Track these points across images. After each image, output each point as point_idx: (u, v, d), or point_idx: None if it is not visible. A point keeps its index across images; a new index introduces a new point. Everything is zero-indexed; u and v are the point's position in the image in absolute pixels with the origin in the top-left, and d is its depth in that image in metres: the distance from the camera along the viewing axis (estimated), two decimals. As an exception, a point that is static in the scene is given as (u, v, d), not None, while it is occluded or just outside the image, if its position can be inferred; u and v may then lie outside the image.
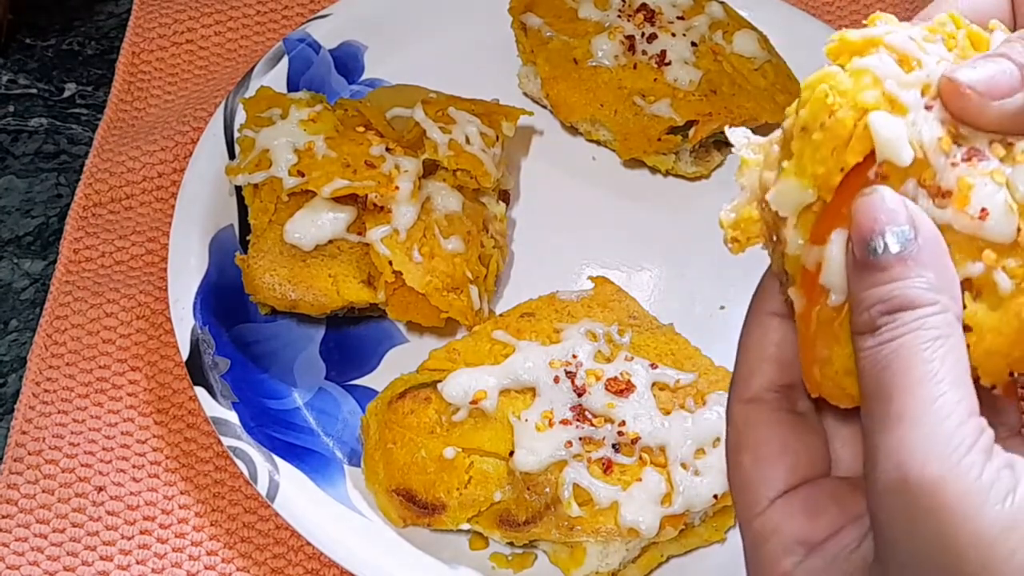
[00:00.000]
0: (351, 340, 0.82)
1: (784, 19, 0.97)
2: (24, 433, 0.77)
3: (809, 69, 0.44)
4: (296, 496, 0.72)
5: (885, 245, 0.38)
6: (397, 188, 0.78)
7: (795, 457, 0.44)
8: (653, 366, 0.75)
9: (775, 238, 0.42)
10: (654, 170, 0.92)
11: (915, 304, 0.37)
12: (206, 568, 0.73)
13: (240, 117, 0.86)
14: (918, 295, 0.38)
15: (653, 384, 0.74)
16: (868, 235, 0.38)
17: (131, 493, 0.75)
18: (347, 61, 0.95)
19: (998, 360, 0.39)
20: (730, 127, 0.45)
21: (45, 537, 0.74)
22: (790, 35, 0.96)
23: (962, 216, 0.39)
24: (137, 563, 0.73)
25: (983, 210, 0.38)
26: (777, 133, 0.43)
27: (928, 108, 0.40)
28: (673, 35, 0.91)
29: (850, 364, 0.40)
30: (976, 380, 0.39)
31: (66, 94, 0.96)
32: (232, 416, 0.74)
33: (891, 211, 0.38)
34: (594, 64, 0.90)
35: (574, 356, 0.74)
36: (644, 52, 0.91)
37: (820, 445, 0.45)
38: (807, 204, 0.40)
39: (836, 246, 0.40)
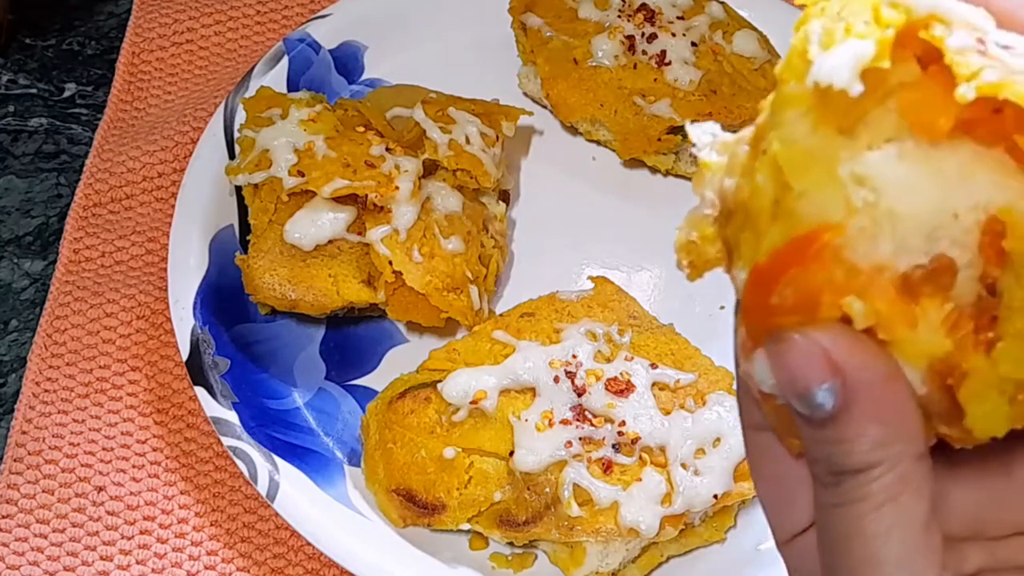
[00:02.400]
0: (351, 340, 0.82)
1: (784, 19, 0.97)
2: (24, 433, 0.77)
3: None
4: (296, 496, 0.72)
5: (810, 405, 0.33)
6: (397, 188, 0.78)
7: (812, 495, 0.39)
8: (653, 366, 0.74)
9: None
10: (654, 170, 0.92)
11: (857, 468, 0.33)
12: (206, 568, 0.73)
13: (240, 117, 0.86)
14: (858, 460, 0.33)
15: (653, 384, 0.74)
16: (792, 395, 0.33)
17: (131, 493, 0.75)
18: (347, 61, 0.95)
19: None
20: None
21: (45, 537, 0.74)
22: (790, 35, 0.95)
23: None
24: (137, 563, 0.73)
25: None
26: (747, 131, 0.36)
27: None
28: (673, 35, 0.91)
29: None
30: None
31: (66, 94, 0.96)
32: (232, 416, 0.74)
33: (811, 368, 0.32)
34: (594, 64, 0.90)
35: (574, 356, 0.74)
36: (644, 52, 0.91)
37: None
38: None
39: (760, 366, 0.34)
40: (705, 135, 0.37)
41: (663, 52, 0.90)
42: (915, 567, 0.33)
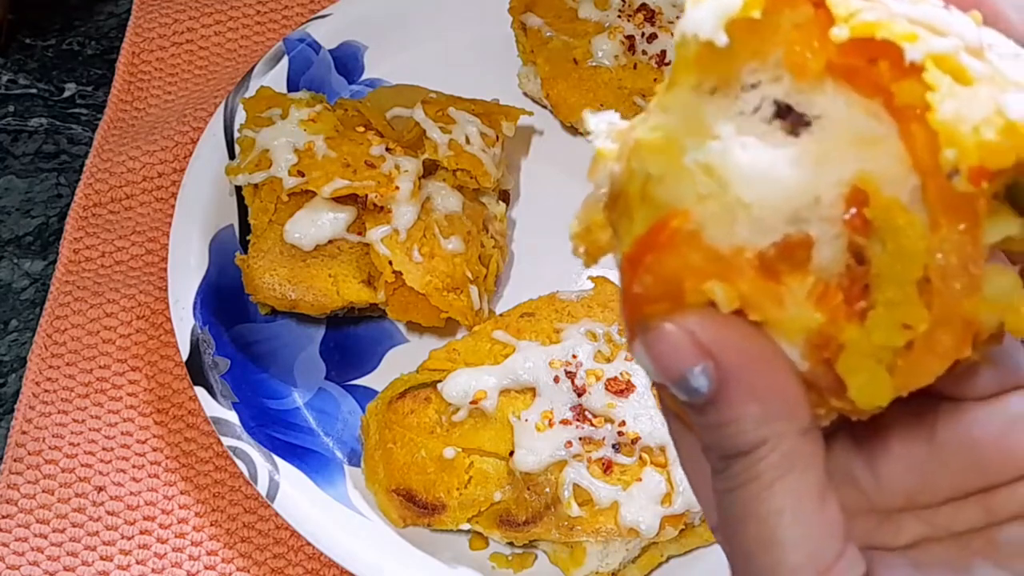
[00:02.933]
0: (351, 340, 0.82)
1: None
2: (24, 433, 0.77)
3: None
4: (296, 496, 0.72)
5: (687, 390, 0.33)
6: (397, 188, 0.78)
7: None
8: (653, 366, 0.74)
9: None
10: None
11: (741, 450, 0.33)
12: (206, 568, 0.73)
13: (240, 117, 0.86)
14: (741, 441, 0.33)
15: (653, 384, 0.73)
16: (669, 383, 0.33)
17: (131, 493, 0.75)
18: (347, 61, 0.95)
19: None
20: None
21: (45, 537, 0.74)
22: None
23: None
24: (137, 563, 0.73)
25: None
26: (639, 117, 0.35)
27: None
28: (673, 35, 0.91)
29: None
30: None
31: (66, 94, 0.96)
32: (232, 416, 0.74)
33: (680, 353, 0.32)
34: (594, 64, 0.90)
35: (574, 356, 0.74)
36: (644, 52, 0.91)
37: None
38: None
39: (640, 355, 0.34)
40: (601, 123, 0.36)
41: (663, 52, 0.90)
42: (811, 542, 0.33)
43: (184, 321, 0.78)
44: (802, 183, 0.32)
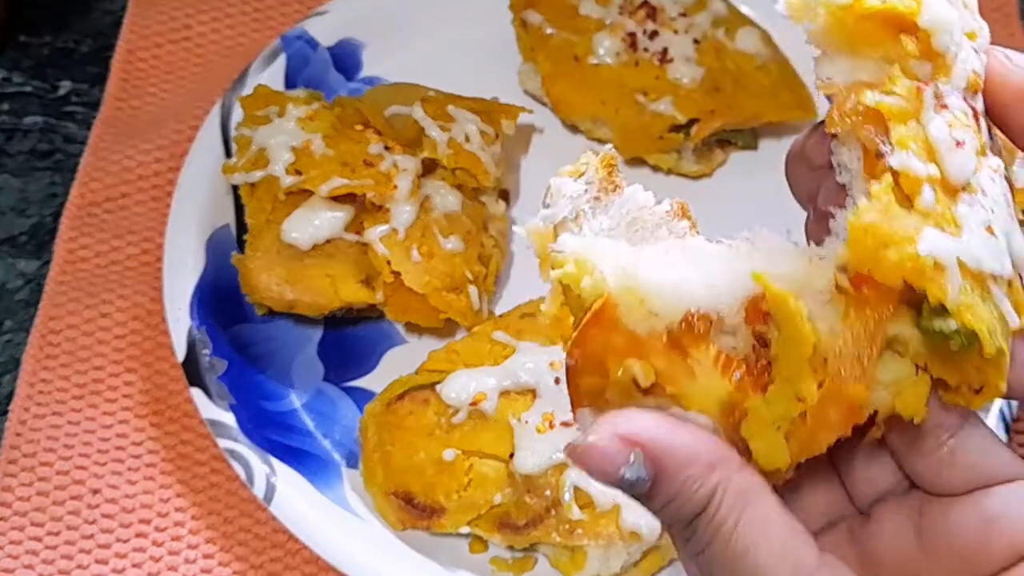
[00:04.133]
0: (349, 341, 0.82)
1: (787, 16, 0.97)
2: (19, 435, 0.77)
3: (811, 67, 0.43)
4: (293, 499, 0.71)
5: (631, 486, 0.36)
6: (396, 187, 0.78)
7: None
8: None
9: None
10: (656, 168, 0.91)
11: (697, 511, 0.36)
12: (202, 571, 0.73)
13: (237, 115, 0.85)
14: (695, 502, 0.36)
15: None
16: (615, 485, 0.37)
17: (126, 496, 0.75)
18: (345, 59, 0.94)
19: None
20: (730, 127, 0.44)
21: (40, 540, 0.73)
22: (793, 32, 0.95)
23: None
24: (132, 566, 0.73)
25: None
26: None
27: None
28: (675, 32, 0.91)
29: None
30: None
31: (61, 92, 0.96)
32: (229, 418, 0.74)
33: (606, 456, 0.36)
34: (595, 62, 0.90)
35: (575, 357, 0.74)
36: (646, 49, 0.90)
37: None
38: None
39: (587, 421, 0.39)
40: (525, 228, 0.43)
41: (665, 49, 0.90)
42: (792, 554, 0.36)
43: (180, 322, 0.77)
44: (702, 287, 0.38)
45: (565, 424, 0.71)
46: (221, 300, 0.80)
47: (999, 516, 0.39)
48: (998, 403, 0.75)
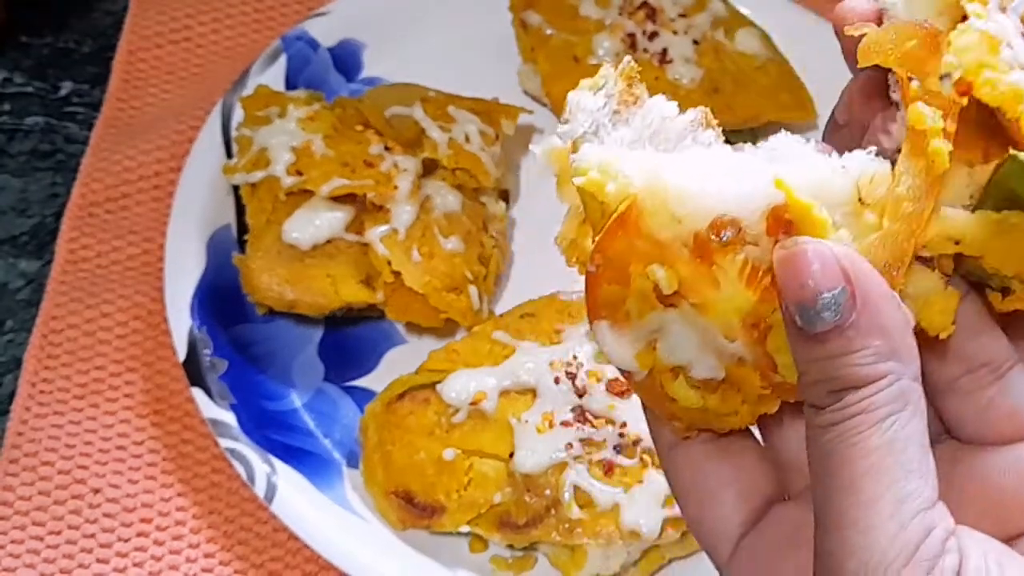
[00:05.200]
0: (350, 341, 0.82)
1: (786, 17, 0.97)
2: (20, 434, 0.77)
3: (812, 67, 0.42)
4: (294, 498, 0.71)
5: (819, 314, 0.33)
6: (396, 187, 0.78)
7: (738, 487, 0.40)
8: (654, 367, 0.74)
9: None
10: (655, 169, 0.91)
11: (860, 382, 0.33)
12: (203, 571, 0.73)
13: (238, 116, 0.85)
14: (863, 372, 0.33)
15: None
16: (798, 303, 0.33)
17: (128, 495, 0.75)
18: (346, 59, 0.95)
19: None
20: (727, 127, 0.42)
21: (41, 539, 0.73)
22: (792, 33, 0.95)
23: None
24: (134, 566, 0.73)
25: None
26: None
27: None
28: (675, 33, 0.91)
29: (695, 404, 0.38)
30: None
31: (62, 92, 0.96)
32: (230, 417, 0.74)
33: (820, 272, 0.33)
34: (595, 62, 0.90)
35: (575, 357, 0.74)
36: (645, 50, 0.90)
37: (760, 464, 0.41)
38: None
39: (607, 338, 0.37)
40: (542, 149, 0.42)
41: (664, 50, 0.90)
42: (914, 481, 0.33)
43: (181, 322, 0.77)
44: (728, 191, 0.35)
45: (565, 424, 0.71)
46: (222, 300, 0.80)
47: None
48: None
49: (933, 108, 0.35)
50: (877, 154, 0.36)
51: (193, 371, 0.75)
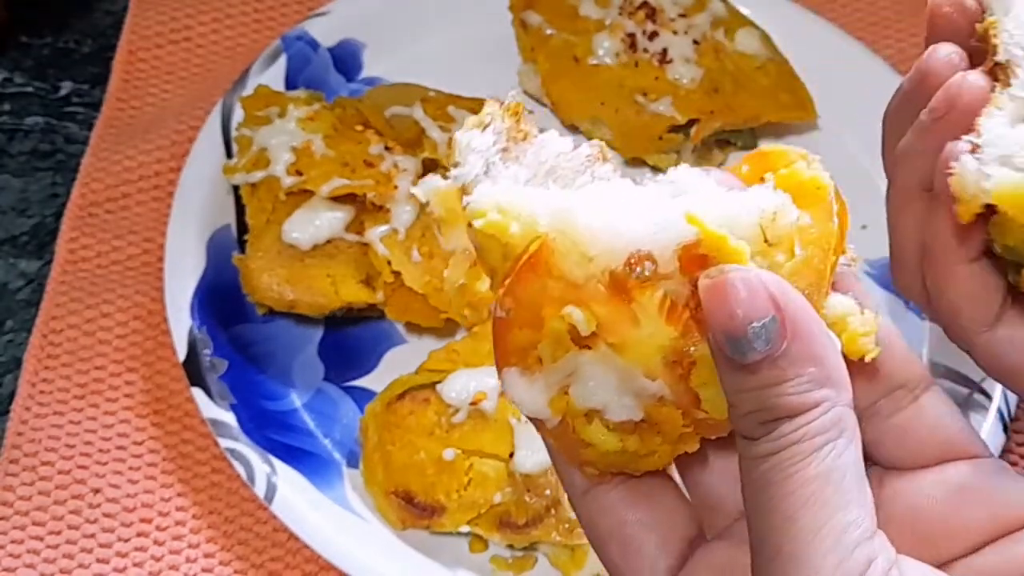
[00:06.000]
0: (350, 341, 0.82)
1: (786, 17, 0.97)
2: (20, 434, 0.76)
3: (812, 67, 0.42)
4: (294, 498, 0.71)
5: (750, 344, 0.32)
6: (396, 187, 0.78)
7: (660, 531, 0.38)
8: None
9: None
10: (656, 169, 0.91)
11: (795, 411, 0.32)
12: (203, 571, 0.73)
13: (238, 116, 0.85)
14: (797, 401, 0.32)
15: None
16: (727, 333, 0.32)
17: (128, 495, 0.75)
18: (346, 59, 0.94)
19: None
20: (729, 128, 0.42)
21: (41, 539, 0.73)
22: (792, 33, 0.95)
23: None
24: (134, 566, 0.73)
25: None
26: (454, 179, 0.38)
27: None
28: (675, 33, 0.91)
29: (613, 447, 0.37)
30: None
31: (62, 92, 0.96)
32: (230, 417, 0.74)
33: (749, 300, 0.32)
34: (595, 62, 0.90)
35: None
36: (645, 50, 0.90)
37: (680, 505, 0.40)
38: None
39: (514, 385, 0.36)
40: (425, 191, 0.40)
41: (664, 50, 0.90)
42: (853, 510, 0.32)
43: (181, 322, 0.77)
44: (640, 227, 0.34)
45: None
46: (222, 300, 0.80)
47: (973, 489, 0.37)
48: (996, 402, 0.75)
49: None
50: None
51: (193, 371, 0.75)
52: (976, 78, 0.40)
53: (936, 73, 0.41)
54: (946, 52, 0.41)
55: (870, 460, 0.38)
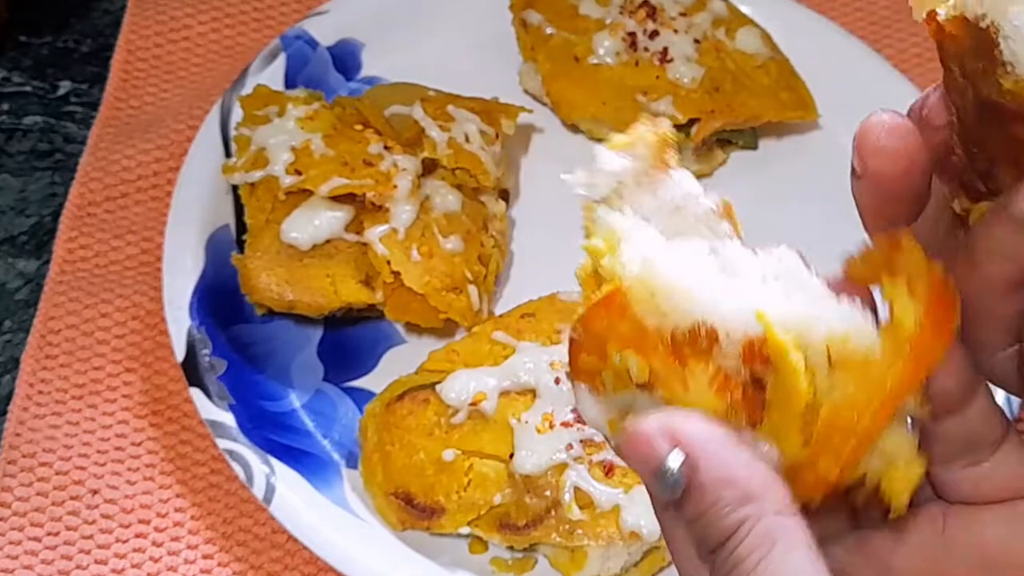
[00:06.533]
0: (349, 341, 0.82)
1: (787, 16, 0.97)
2: (18, 435, 0.76)
3: (813, 66, 0.42)
4: (293, 499, 0.71)
5: (668, 485, 0.34)
6: (395, 187, 0.78)
7: None
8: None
9: None
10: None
11: (722, 537, 0.34)
12: (202, 572, 0.73)
13: (237, 115, 0.85)
14: (721, 527, 0.34)
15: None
16: (649, 480, 0.35)
17: (126, 496, 0.75)
18: (345, 58, 0.95)
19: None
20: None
21: (39, 540, 0.73)
22: (793, 32, 0.95)
23: None
24: (132, 567, 0.73)
25: None
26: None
27: None
28: (675, 32, 0.91)
29: None
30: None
31: (61, 92, 0.96)
32: (228, 418, 0.74)
33: (657, 446, 0.34)
34: (595, 61, 0.90)
35: (575, 357, 0.74)
36: (646, 49, 0.90)
37: None
38: None
39: (582, 395, 0.39)
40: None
41: (665, 49, 0.90)
42: None
43: (180, 322, 0.77)
44: (717, 303, 0.36)
45: (565, 424, 0.71)
46: (220, 300, 0.80)
47: None
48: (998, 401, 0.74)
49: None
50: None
51: (192, 371, 0.75)
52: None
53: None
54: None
55: (938, 496, 0.39)
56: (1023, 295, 0.36)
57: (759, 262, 0.37)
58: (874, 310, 0.37)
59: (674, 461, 0.34)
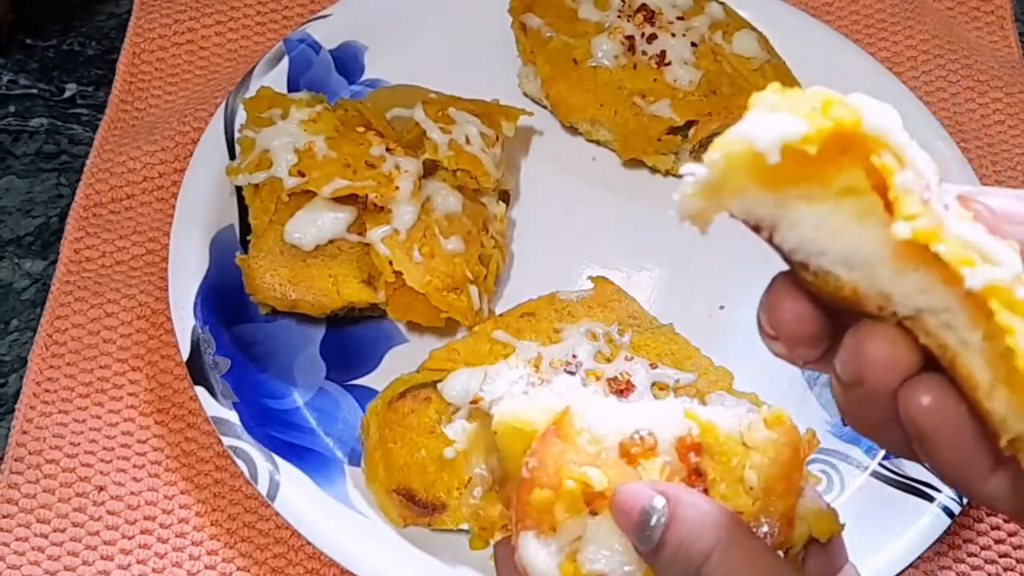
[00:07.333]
0: (351, 340, 0.82)
1: (783, 19, 0.97)
2: (25, 433, 0.77)
3: (808, 69, 0.42)
4: (296, 496, 0.72)
5: (649, 527, 0.41)
6: (397, 188, 0.78)
7: None
8: (653, 366, 0.74)
9: None
10: (654, 170, 0.92)
11: (698, 562, 0.41)
12: (207, 568, 0.73)
13: (241, 117, 0.86)
14: (695, 554, 0.41)
15: (653, 384, 0.74)
16: (630, 533, 0.42)
17: (132, 493, 0.75)
18: (347, 61, 0.95)
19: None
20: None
21: (46, 537, 0.74)
22: (790, 35, 0.95)
23: None
24: (138, 563, 0.73)
25: None
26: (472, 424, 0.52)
27: None
28: (673, 35, 0.91)
29: None
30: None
31: (67, 94, 0.96)
32: (232, 416, 0.74)
33: (638, 496, 0.41)
34: (594, 64, 0.90)
35: (574, 356, 0.74)
36: (644, 52, 0.91)
37: None
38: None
39: (529, 546, 0.43)
40: (455, 432, 0.55)
41: (663, 52, 0.90)
42: None
43: (184, 321, 0.78)
44: (645, 415, 0.45)
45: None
46: (225, 300, 0.80)
47: None
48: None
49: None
50: None
51: (196, 370, 0.76)
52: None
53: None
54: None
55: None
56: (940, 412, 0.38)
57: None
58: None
59: (659, 501, 0.41)
